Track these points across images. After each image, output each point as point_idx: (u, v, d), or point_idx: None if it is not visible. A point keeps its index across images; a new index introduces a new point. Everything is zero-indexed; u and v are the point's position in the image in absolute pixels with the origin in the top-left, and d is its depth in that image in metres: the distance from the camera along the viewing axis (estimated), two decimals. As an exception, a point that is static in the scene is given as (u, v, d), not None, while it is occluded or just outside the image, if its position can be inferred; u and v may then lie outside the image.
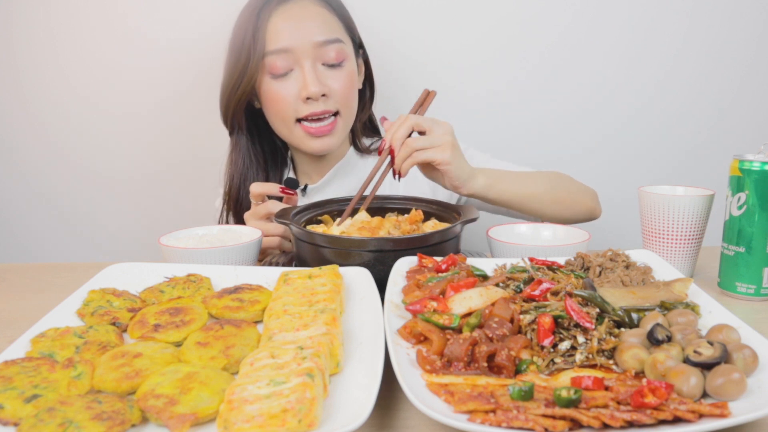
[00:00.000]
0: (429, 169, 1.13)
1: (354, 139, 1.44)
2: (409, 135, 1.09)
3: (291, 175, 1.45)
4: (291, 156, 1.44)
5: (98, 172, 1.73)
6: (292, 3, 1.26)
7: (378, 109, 1.49)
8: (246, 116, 1.36)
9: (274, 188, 1.17)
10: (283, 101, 1.27)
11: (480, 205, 1.32)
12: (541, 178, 1.26)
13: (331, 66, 1.27)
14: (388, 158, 1.11)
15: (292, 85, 1.26)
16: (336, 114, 1.30)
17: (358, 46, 1.38)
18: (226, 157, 1.40)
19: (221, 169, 1.42)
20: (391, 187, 1.41)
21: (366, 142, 1.46)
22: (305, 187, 1.40)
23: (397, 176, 1.09)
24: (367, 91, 1.44)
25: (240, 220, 1.36)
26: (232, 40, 1.30)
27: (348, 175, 1.43)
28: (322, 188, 1.41)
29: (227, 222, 1.40)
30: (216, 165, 1.64)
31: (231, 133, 1.39)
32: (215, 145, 1.50)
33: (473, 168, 1.14)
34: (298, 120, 1.29)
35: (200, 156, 1.53)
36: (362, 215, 1.13)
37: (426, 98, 1.21)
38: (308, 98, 1.25)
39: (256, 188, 1.17)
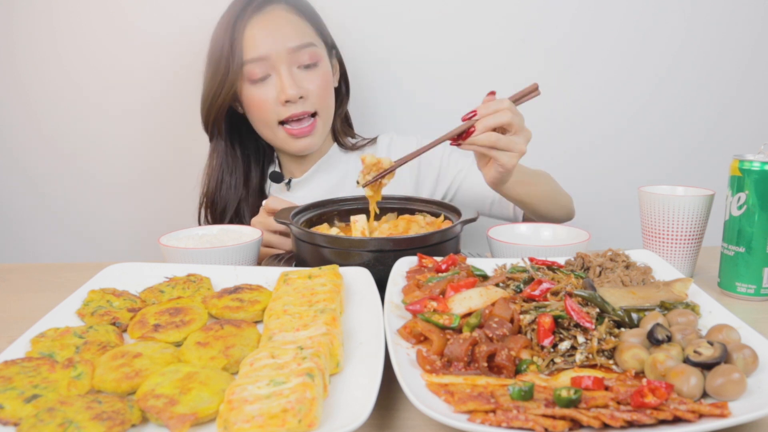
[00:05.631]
0: (482, 160, 1.11)
1: (336, 136, 1.50)
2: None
3: (276, 169, 1.49)
4: (276, 154, 1.50)
5: (98, 172, 1.73)
6: (265, 12, 1.32)
7: (353, 108, 1.53)
8: (229, 121, 1.42)
9: (288, 206, 1.18)
10: (264, 105, 1.33)
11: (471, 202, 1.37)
12: (543, 179, 1.31)
13: (306, 67, 1.33)
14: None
15: (270, 90, 1.32)
16: (314, 115, 1.36)
17: (331, 47, 1.44)
18: (206, 161, 1.46)
19: (200, 172, 1.47)
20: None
21: (350, 140, 1.51)
22: (289, 181, 1.45)
23: (457, 145, 1.06)
24: (342, 88, 1.49)
25: (216, 222, 1.44)
26: (210, 51, 1.36)
27: (330, 171, 1.47)
28: (305, 182, 1.46)
29: (208, 223, 1.45)
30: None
31: (211, 139, 1.44)
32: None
33: None
34: (281, 123, 1.35)
35: (201, 156, 1.53)
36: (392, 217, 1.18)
37: (529, 93, 1.12)
38: (287, 101, 1.31)
39: (272, 203, 1.18)
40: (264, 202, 1.20)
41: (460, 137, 1.05)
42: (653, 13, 1.62)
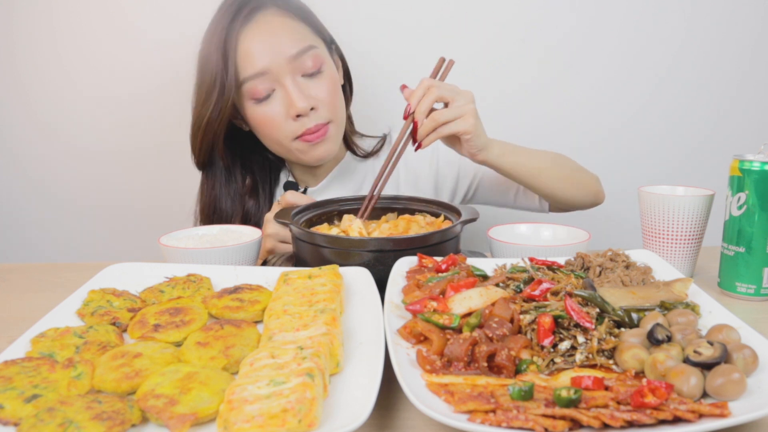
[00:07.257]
0: (450, 138, 1.14)
1: (347, 142, 1.41)
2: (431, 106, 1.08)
3: (290, 179, 1.43)
4: (289, 165, 1.43)
5: (98, 172, 1.73)
6: (257, 20, 1.19)
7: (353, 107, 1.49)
8: (228, 145, 1.31)
9: (309, 202, 1.15)
10: (274, 124, 1.23)
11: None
12: (547, 154, 1.28)
13: (311, 75, 1.22)
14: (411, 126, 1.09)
15: (277, 106, 1.21)
16: (327, 123, 1.25)
17: (330, 43, 1.32)
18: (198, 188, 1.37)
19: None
20: (390, 188, 1.41)
21: (360, 144, 1.43)
22: (305, 189, 1.40)
23: (416, 147, 1.09)
24: (347, 86, 1.40)
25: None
26: (200, 71, 1.23)
27: (347, 179, 1.42)
28: (321, 192, 1.39)
29: None
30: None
31: (202, 168, 1.34)
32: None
33: (489, 138, 1.16)
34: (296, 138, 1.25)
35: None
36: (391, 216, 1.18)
37: (444, 67, 1.17)
38: (298, 115, 1.21)
39: (290, 198, 1.14)
40: (281, 196, 1.15)
41: (413, 137, 1.08)
42: (653, 13, 1.62)
